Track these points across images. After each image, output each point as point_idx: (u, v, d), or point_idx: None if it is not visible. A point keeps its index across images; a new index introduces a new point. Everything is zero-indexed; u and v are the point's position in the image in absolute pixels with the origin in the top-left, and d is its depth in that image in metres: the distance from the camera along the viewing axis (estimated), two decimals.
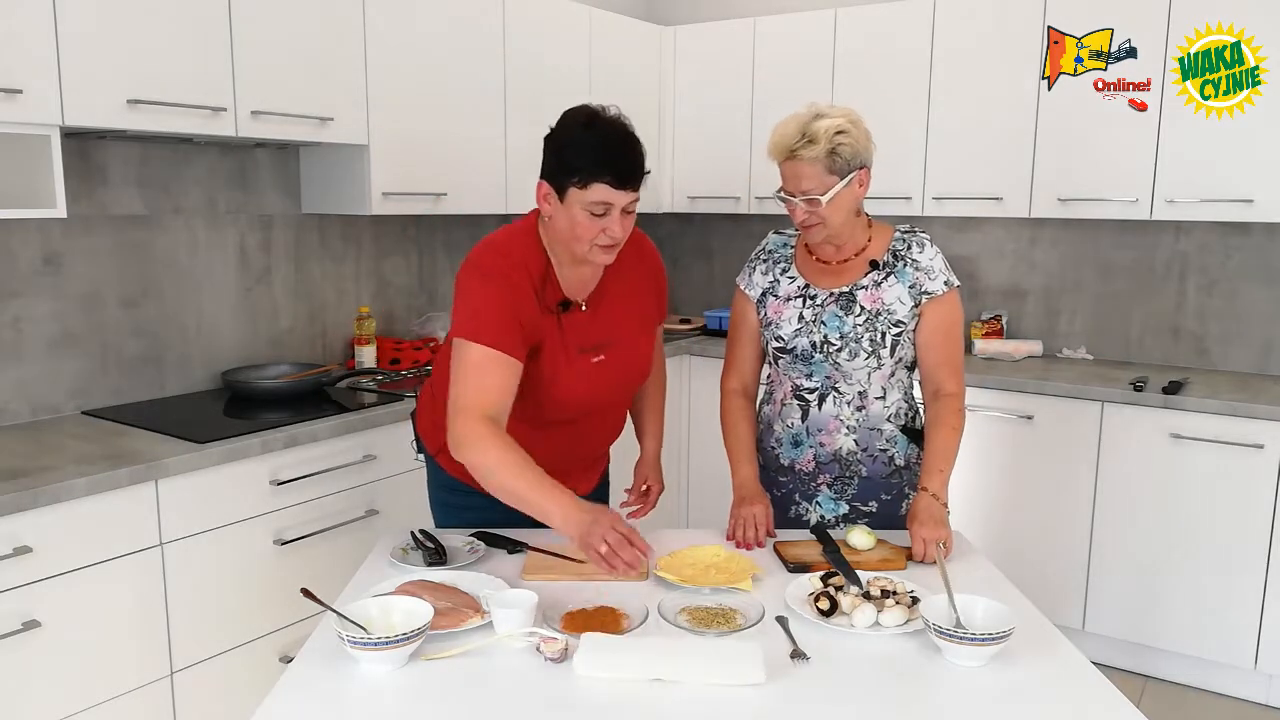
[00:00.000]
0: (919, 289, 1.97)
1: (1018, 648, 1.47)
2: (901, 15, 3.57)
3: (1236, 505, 2.95)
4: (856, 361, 1.98)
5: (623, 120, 1.75)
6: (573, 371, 1.85)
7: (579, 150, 1.70)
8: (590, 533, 1.60)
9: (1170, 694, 3.11)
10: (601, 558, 1.59)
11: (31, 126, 2.14)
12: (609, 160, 1.69)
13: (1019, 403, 3.27)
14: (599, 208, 1.70)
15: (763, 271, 2.09)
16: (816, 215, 1.89)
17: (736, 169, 4.00)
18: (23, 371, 2.51)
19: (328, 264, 3.23)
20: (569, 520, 1.63)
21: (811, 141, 1.83)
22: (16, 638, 1.97)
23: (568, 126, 1.75)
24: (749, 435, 2.09)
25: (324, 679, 1.41)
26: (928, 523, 1.84)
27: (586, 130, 1.72)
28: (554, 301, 1.83)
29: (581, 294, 1.88)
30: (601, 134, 1.72)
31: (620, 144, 1.72)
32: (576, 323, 1.85)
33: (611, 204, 1.70)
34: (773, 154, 1.91)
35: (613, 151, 1.70)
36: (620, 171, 1.69)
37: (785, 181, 1.91)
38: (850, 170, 1.87)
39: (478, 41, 3.22)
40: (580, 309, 1.87)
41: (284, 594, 2.42)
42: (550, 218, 1.77)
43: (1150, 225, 3.49)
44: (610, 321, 1.90)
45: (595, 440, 2.06)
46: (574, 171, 1.69)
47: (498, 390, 1.73)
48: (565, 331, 1.84)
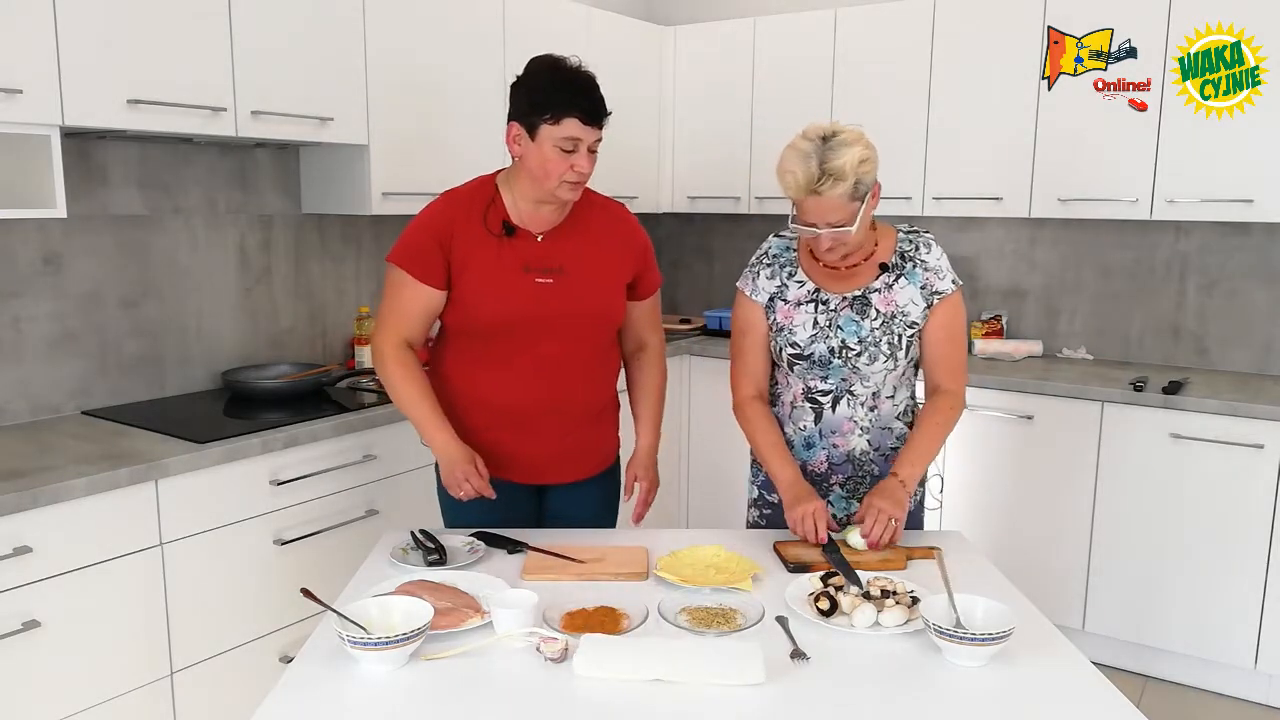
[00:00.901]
0: (930, 289, 1.97)
1: (1018, 648, 1.47)
2: (901, 15, 3.57)
3: (1236, 505, 2.95)
4: (876, 365, 1.97)
5: (584, 68, 1.92)
6: (511, 286, 1.96)
7: (550, 91, 1.87)
8: (455, 466, 1.94)
9: (1170, 694, 3.11)
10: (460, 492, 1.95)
11: (31, 126, 2.14)
12: (578, 98, 1.86)
13: (1019, 403, 3.27)
14: (568, 143, 1.86)
15: (768, 276, 2.06)
16: (841, 240, 1.88)
17: (736, 169, 4.00)
18: (23, 371, 2.51)
19: (328, 264, 3.23)
20: (445, 451, 1.96)
21: (839, 179, 1.79)
22: (16, 638, 1.97)
23: (536, 72, 1.92)
24: (780, 437, 2.05)
25: (324, 679, 1.41)
26: (887, 498, 1.85)
27: (554, 73, 1.90)
28: (497, 225, 1.97)
29: (538, 228, 2.00)
30: (569, 76, 1.89)
31: (587, 85, 1.89)
32: (525, 246, 1.98)
33: (580, 139, 1.87)
34: (793, 194, 1.85)
35: (581, 91, 1.88)
36: (588, 109, 1.86)
37: (806, 215, 1.86)
38: (868, 191, 1.86)
39: (477, 41, 3.22)
40: (535, 238, 1.99)
41: (284, 594, 2.42)
42: (520, 158, 1.93)
43: (1150, 225, 3.49)
44: (567, 252, 2.00)
45: (564, 385, 2.03)
46: (546, 109, 1.85)
47: (407, 313, 1.99)
48: (508, 251, 1.97)
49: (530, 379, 1.99)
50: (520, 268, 1.95)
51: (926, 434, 1.97)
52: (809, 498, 1.91)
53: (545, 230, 1.99)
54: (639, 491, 2.17)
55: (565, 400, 2.04)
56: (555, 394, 2.02)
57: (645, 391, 2.20)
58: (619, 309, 2.08)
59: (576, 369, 2.03)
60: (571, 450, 2.09)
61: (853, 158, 1.79)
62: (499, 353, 1.99)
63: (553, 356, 1.99)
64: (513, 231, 1.97)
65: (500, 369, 2.00)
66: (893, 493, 1.87)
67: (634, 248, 2.09)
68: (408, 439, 2.74)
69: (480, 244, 1.95)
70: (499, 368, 2.00)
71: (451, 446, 1.95)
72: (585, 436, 2.11)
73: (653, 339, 2.20)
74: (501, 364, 1.99)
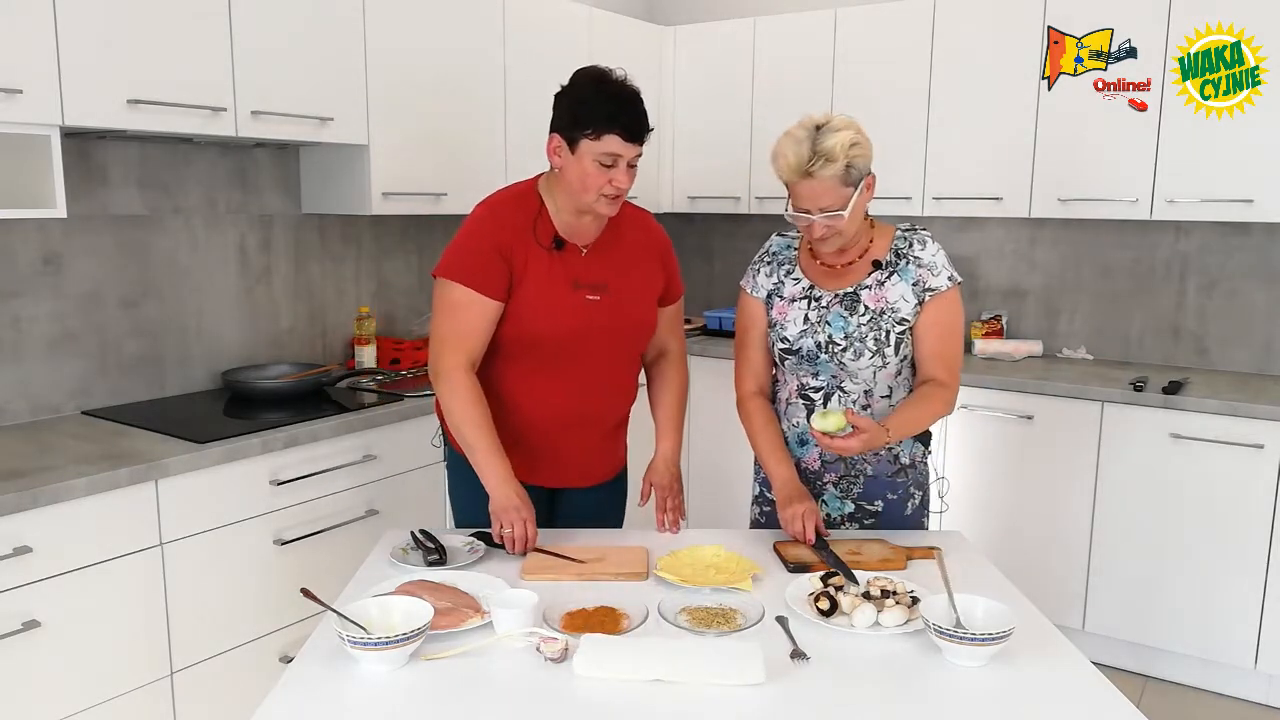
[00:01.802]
0: (923, 286, 1.97)
1: (1018, 648, 1.47)
2: (901, 15, 3.57)
3: (1236, 505, 2.95)
4: (861, 361, 1.98)
5: (629, 82, 1.89)
6: (563, 303, 1.94)
7: (593, 105, 1.84)
8: (505, 509, 1.84)
9: (1170, 694, 3.11)
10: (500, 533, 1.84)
11: (31, 126, 2.14)
12: (620, 114, 1.84)
13: (1019, 403, 3.27)
14: (608, 159, 1.84)
15: (767, 274, 2.08)
16: (834, 228, 1.89)
17: (736, 169, 4.00)
18: (23, 371, 2.51)
19: (328, 264, 3.23)
20: (496, 490, 1.86)
21: (829, 160, 1.81)
22: (16, 638, 1.97)
23: (581, 84, 1.89)
24: (778, 435, 2.07)
25: (324, 679, 1.41)
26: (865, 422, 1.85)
27: (599, 86, 1.87)
28: (547, 238, 1.94)
29: (582, 240, 1.98)
30: (613, 91, 1.86)
31: (630, 101, 1.86)
32: (573, 261, 1.96)
33: (620, 155, 1.85)
34: (785, 176, 1.88)
35: (624, 107, 1.85)
36: (629, 126, 1.84)
37: (799, 200, 1.88)
38: (861, 179, 1.87)
39: (478, 41, 3.23)
40: (580, 252, 1.97)
41: (284, 594, 2.42)
42: (560, 170, 1.90)
43: (1150, 225, 3.49)
44: (610, 267, 1.99)
45: (599, 397, 2.05)
46: (588, 124, 1.83)
47: (473, 331, 1.92)
48: (558, 266, 1.95)
49: (567, 390, 1.99)
50: (570, 284, 1.94)
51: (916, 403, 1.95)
52: (801, 498, 1.93)
53: (588, 243, 1.98)
54: (656, 498, 2.08)
55: (596, 411, 2.06)
56: (588, 405, 2.04)
57: (667, 397, 2.18)
58: (654, 321, 2.10)
59: (610, 381, 2.06)
60: (593, 457, 2.11)
61: (844, 140, 1.82)
62: (539, 365, 1.98)
63: (591, 369, 2.00)
64: (562, 245, 1.95)
65: (540, 380, 1.99)
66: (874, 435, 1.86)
67: (663, 257, 2.10)
68: (408, 439, 2.75)
69: (533, 257, 1.93)
70: (538, 379, 1.99)
71: (508, 487, 1.86)
72: (606, 444, 2.12)
73: (674, 345, 2.20)
74: (541, 375, 1.98)
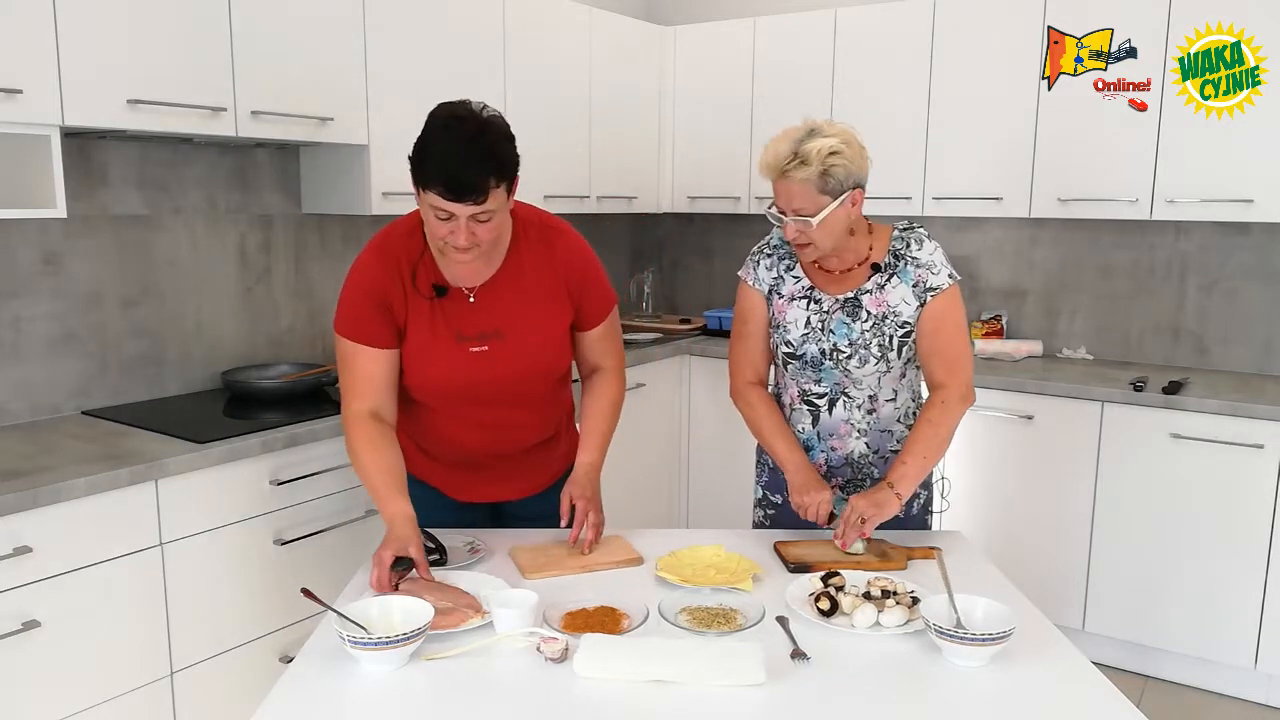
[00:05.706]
0: (923, 286, 1.95)
1: (1018, 648, 1.47)
2: (901, 15, 3.57)
3: (1236, 505, 2.95)
4: (867, 368, 1.97)
5: (488, 127, 1.68)
6: (445, 357, 1.84)
7: (423, 154, 1.67)
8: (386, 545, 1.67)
9: (1170, 694, 3.11)
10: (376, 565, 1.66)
11: (31, 126, 2.14)
12: (442, 171, 1.63)
13: (1019, 403, 3.27)
14: (441, 213, 1.67)
15: (767, 266, 2.06)
16: (807, 235, 1.87)
17: (736, 169, 4.00)
18: (23, 371, 2.51)
19: (328, 264, 3.23)
20: (391, 527, 1.72)
21: (804, 162, 1.80)
22: (16, 638, 1.97)
23: (426, 127, 1.71)
24: (782, 420, 2.05)
25: (324, 679, 1.41)
26: (867, 498, 1.86)
27: (442, 133, 1.67)
28: (427, 286, 1.82)
29: (470, 283, 1.85)
30: (447, 142, 1.65)
31: (459, 156, 1.63)
32: (457, 310, 1.84)
33: (451, 212, 1.65)
34: (764, 172, 1.87)
35: (449, 163, 1.63)
36: (452, 184, 1.63)
37: (777, 198, 1.88)
38: (843, 190, 1.84)
39: (477, 41, 3.22)
40: (467, 299, 1.84)
41: (284, 594, 2.42)
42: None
43: (1150, 225, 3.49)
44: (501, 312, 1.85)
45: (512, 433, 1.98)
46: (415, 174, 1.68)
47: (368, 379, 1.83)
48: (439, 317, 1.83)
49: (482, 427, 1.94)
50: (453, 336, 1.83)
51: (920, 434, 1.94)
52: (819, 486, 1.93)
53: (477, 285, 1.84)
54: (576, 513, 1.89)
55: (512, 443, 1.99)
56: (501, 442, 1.98)
57: (595, 409, 2.03)
58: (563, 358, 1.97)
59: (521, 419, 1.97)
60: (523, 474, 2.05)
61: (824, 146, 1.80)
62: (443, 407, 1.92)
63: (496, 412, 1.93)
64: (444, 292, 1.82)
65: (449, 421, 1.94)
66: (876, 496, 1.87)
67: (571, 280, 1.91)
68: None
69: (414, 308, 1.82)
70: (447, 420, 1.94)
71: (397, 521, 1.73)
72: (533, 461, 2.05)
73: (608, 362, 2.05)
74: (446, 417, 1.93)
